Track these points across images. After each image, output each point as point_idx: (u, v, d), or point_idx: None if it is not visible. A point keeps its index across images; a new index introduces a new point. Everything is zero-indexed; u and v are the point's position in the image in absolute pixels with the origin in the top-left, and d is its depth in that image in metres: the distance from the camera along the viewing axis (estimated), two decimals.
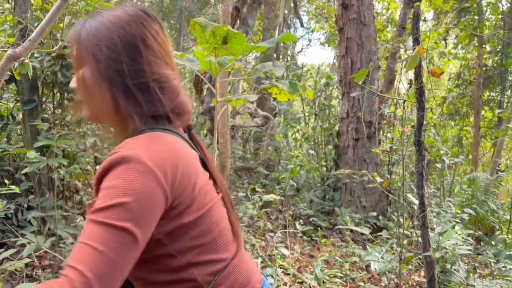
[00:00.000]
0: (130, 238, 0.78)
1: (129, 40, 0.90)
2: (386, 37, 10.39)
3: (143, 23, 0.93)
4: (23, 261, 2.43)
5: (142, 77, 0.90)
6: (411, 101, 2.59)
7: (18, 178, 3.61)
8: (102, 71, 0.89)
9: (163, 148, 0.87)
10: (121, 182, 0.79)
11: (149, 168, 0.81)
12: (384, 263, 3.13)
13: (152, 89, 0.91)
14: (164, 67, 0.94)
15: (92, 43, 0.90)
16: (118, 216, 0.77)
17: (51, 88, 3.78)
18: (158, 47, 0.94)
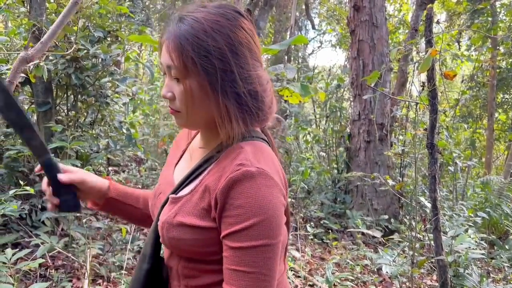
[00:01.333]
0: (272, 250, 0.83)
1: (236, 48, 0.86)
2: (398, 39, 10.32)
3: (243, 27, 0.89)
4: (37, 261, 2.46)
5: (251, 83, 0.88)
6: (424, 103, 2.58)
7: (32, 179, 3.66)
8: (215, 83, 0.85)
9: (273, 160, 0.90)
10: (252, 201, 0.81)
11: (275, 182, 0.84)
12: (396, 266, 3.11)
13: (260, 94, 0.90)
14: (262, 69, 0.92)
15: (200, 54, 0.84)
16: (257, 235, 0.81)
17: (65, 90, 3.84)
18: (257, 48, 0.91)
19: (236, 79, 0.86)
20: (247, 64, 0.87)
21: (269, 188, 0.82)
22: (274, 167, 0.87)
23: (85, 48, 3.51)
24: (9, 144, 3.84)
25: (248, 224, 0.81)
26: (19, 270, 2.76)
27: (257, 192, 0.81)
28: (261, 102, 0.90)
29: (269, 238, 0.82)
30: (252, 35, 0.91)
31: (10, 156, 3.54)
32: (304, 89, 2.52)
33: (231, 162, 0.85)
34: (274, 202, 0.82)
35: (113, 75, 3.88)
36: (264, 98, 0.91)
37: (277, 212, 0.83)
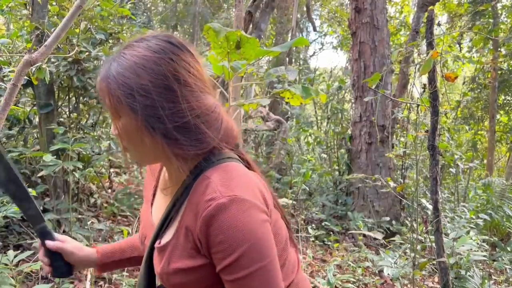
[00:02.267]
0: (268, 269, 0.83)
1: (162, 83, 0.84)
2: (399, 40, 10.32)
3: (172, 59, 0.86)
4: (39, 263, 2.46)
5: (182, 117, 0.85)
6: (425, 105, 2.58)
7: (34, 180, 3.66)
8: (141, 120, 0.84)
9: (245, 178, 0.88)
10: (232, 232, 0.80)
11: (250, 203, 0.83)
12: (397, 268, 3.11)
13: (195, 126, 0.86)
14: (202, 97, 0.89)
15: (124, 93, 0.84)
16: (248, 263, 0.81)
17: (67, 92, 3.85)
18: (193, 78, 0.88)
19: (162, 115, 0.84)
20: (176, 98, 0.84)
21: (245, 213, 0.81)
22: (247, 186, 0.85)
23: (87, 50, 3.52)
24: (11, 146, 3.85)
25: (236, 256, 0.80)
26: (21, 272, 2.76)
27: (235, 222, 0.80)
28: (199, 135, 0.87)
29: (261, 261, 0.81)
30: (186, 67, 0.88)
31: (12, 158, 3.55)
32: (305, 91, 2.52)
33: (201, 198, 0.84)
34: (254, 225, 0.81)
35: None
36: (205, 130, 0.87)
37: (260, 233, 0.82)
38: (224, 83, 5.07)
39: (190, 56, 0.90)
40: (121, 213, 4.43)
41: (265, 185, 0.95)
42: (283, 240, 0.98)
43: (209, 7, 14.13)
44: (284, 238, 0.99)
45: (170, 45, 0.88)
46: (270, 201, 0.92)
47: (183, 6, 14.73)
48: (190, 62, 0.89)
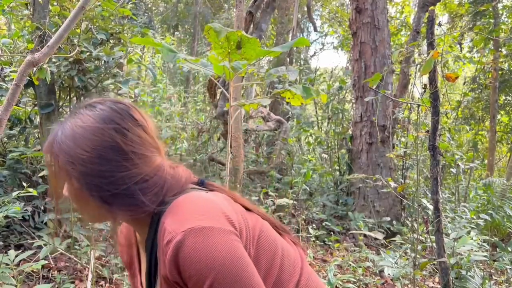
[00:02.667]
0: (247, 285, 0.82)
1: (99, 153, 0.86)
2: (400, 41, 10.32)
3: (112, 128, 0.88)
4: (40, 262, 2.47)
5: (120, 185, 0.87)
6: (426, 105, 2.58)
7: (35, 180, 3.67)
8: (81, 186, 0.88)
9: (195, 205, 0.88)
10: (197, 265, 0.80)
11: (208, 229, 0.82)
12: (398, 268, 3.11)
13: (132, 193, 0.88)
14: (142, 164, 0.89)
15: (66, 160, 0.87)
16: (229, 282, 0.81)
17: (68, 92, 3.85)
18: (133, 145, 0.89)
19: (99, 183, 0.86)
20: (115, 166, 0.86)
21: (203, 242, 0.80)
22: (199, 213, 0.85)
23: (88, 50, 3.52)
24: (12, 146, 3.86)
25: (208, 285, 0.80)
26: (22, 272, 2.77)
27: (195, 254, 0.80)
28: (136, 200, 0.88)
29: (235, 282, 0.81)
30: (126, 133, 0.89)
31: (13, 157, 3.56)
32: (306, 91, 2.52)
33: (162, 244, 0.85)
34: (215, 251, 0.81)
35: (115, 77, 3.89)
36: (141, 198, 0.88)
37: (224, 256, 0.81)
38: (224, 83, 5.08)
39: (133, 122, 0.91)
40: None
41: (234, 201, 0.96)
42: (272, 246, 0.97)
43: (210, 7, 14.14)
44: (274, 243, 0.98)
45: (113, 113, 0.90)
46: (239, 216, 0.91)
47: (184, 6, 14.74)
48: (130, 129, 0.90)
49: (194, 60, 2.76)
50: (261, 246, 0.94)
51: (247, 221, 0.94)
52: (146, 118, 0.95)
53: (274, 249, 0.97)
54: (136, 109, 0.95)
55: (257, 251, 0.93)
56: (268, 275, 0.94)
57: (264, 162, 6.95)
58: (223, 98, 5.78)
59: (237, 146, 4.84)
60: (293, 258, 1.02)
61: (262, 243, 0.95)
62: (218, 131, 7.07)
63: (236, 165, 4.81)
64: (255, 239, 0.93)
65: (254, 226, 0.95)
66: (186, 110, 8.24)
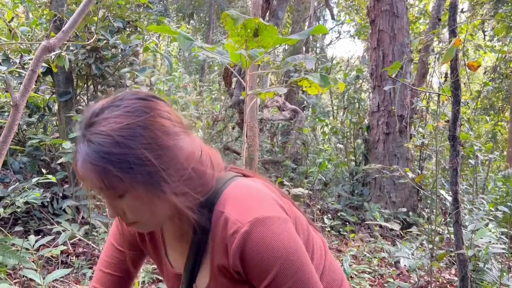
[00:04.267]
0: (306, 274, 0.84)
1: (155, 144, 0.80)
2: (418, 29, 10.12)
3: (153, 115, 0.83)
4: (59, 248, 2.51)
5: (184, 169, 0.84)
6: (446, 95, 2.53)
7: (53, 167, 3.72)
8: (150, 189, 0.81)
9: (253, 194, 0.89)
10: (263, 255, 0.81)
11: (270, 218, 0.83)
12: (414, 259, 3.08)
13: (197, 172, 0.86)
14: (189, 140, 0.87)
15: (122, 170, 0.79)
16: (284, 279, 0.82)
17: (85, 80, 3.88)
18: (177, 126, 0.86)
19: (166, 176, 0.81)
20: (172, 152, 0.82)
21: (269, 231, 0.82)
22: (260, 202, 0.86)
23: (105, 38, 3.54)
24: (31, 133, 3.91)
25: (272, 276, 0.82)
26: (41, 257, 2.82)
27: (262, 244, 0.81)
28: (201, 177, 0.87)
29: (297, 270, 0.83)
30: (166, 115, 0.85)
31: (33, 145, 3.61)
32: (324, 80, 2.49)
33: (225, 234, 0.84)
34: (280, 240, 0.82)
35: (132, 65, 3.91)
36: (204, 168, 0.88)
37: (288, 244, 0.83)
38: (240, 72, 5.05)
39: (164, 104, 0.87)
40: None
41: (272, 187, 0.97)
42: (306, 232, 0.99)
43: None
44: (306, 229, 1.00)
45: (144, 102, 0.84)
46: (284, 201, 0.93)
47: None
48: (168, 110, 0.86)
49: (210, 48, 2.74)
50: (298, 231, 0.94)
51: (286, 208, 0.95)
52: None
53: (307, 235, 0.99)
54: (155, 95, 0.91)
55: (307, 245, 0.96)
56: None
57: (279, 152, 6.93)
58: (239, 87, 5.77)
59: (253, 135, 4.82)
60: (319, 244, 1.04)
61: (298, 229, 0.95)
62: (233, 120, 7.06)
63: (251, 154, 4.81)
64: (294, 224, 0.94)
65: (290, 213, 0.95)
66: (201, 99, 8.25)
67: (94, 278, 1.13)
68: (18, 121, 1.55)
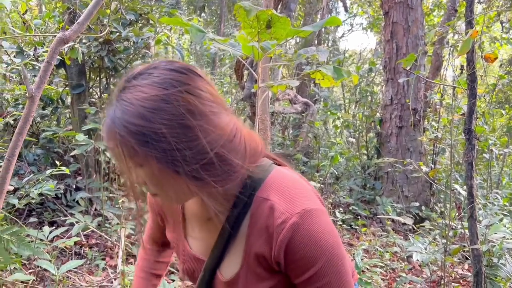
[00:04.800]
0: (342, 268, 0.84)
1: (176, 122, 0.75)
2: (432, 21, 9.97)
3: (181, 91, 0.77)
4: (73, 239, 2.54)
5: (205, 153, 0.77)
6: (462, 87, 2.48)
7: (66, 159, 3.76)
8: (163, 166, 0.76)
9: (296, 184, 0.87)
10: (310, 248, 0.80)
11: (315, 211, 0.82)
12: (427, 254, 3.05)
13: (221, 158, 0.79)
14: (221, 123, 0.80)
15: (138, 142, 0.75)
16: (325, 273, 0.81)
17: (98, 73, 3.90)
18: (208, 105, 0.79)
19: (184, 158, 0.75)
20: (195, 134, 0.76)
21: (316, 223, 0.80)
22: (305, 193, 0.84)
23: (117, 31, 3.54)
24: (45, 125, 3.95)
25: (316, 268, 0.81)
26: (55, 247, 2.85)
27: (310, 237, 0.80)
28: (227, 164, 0.80)
29: (337, 266, 0.82)
30: (198, 93, 0.78)
31: (46, 137, 3.65)
32: (337, 72, 2.46)
33: (270, 222, 0.81)
34: (326, 233, 0.81)
35: (144, 58, 3.91)
36: (233, 156, 0.80)
37: (332, 238, 0.82)
38: (252, 64, 5.03)
39: (199, 79, 0.81)
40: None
41: (303, 178, 0.94)
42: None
43: None
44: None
45: (176, 74, 0.78)
46: (316, 193, 0.91)
47: None
48: (201, 86, 0.80)
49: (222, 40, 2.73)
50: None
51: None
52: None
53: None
54: (196, 67, 0.85)
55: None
56: None
57: (291, 145, 6.92)
58: (250, 80, 5.75)
59: (264, 129, 4.81)
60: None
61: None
62: (244, 113, 7.05)
63: None
64: None
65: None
66: None
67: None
68: (33, 113, 1.55)
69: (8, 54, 3.56)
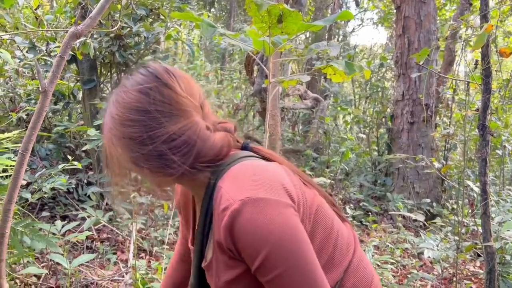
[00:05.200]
0: (299, 267, 0.80)
1: (127, 115, 0.87)
2: (444, 16, 9.84)
3: (136, 90, 0.88)
4: (85, 233, 2.55)
5: (148, 144, 0.86)
6: (476, 82, 2.44)
7: (78, 154, 3.78)
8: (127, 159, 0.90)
9: (256, 174, 0.85)
10: (252, 237, 0.79)
11: (265, 200, 0.80)
12: (439, 251, 3.03)
13: (163, 151, 0.86)
14: (170, 119, 0.86)
15: (111, 136, 0.91)
16: (274, 265, 0.79)
17: (109, 68, 3.91)
18: (157, 104, 0.86)
19: (132, 147, 0.87)
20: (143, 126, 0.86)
21: (261, 213, 0.78)
22: (260, 183, 0.82)
23: (128, 26, 3.54)
24: (57, 120, 3.98)
25: (260, 259, 0.79)
26: (68, 242, 2.88)
27: (252, 225, 0.78)
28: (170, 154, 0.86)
29: (288, 260, 0.79)
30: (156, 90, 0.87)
31: (58, 132, 3.67)
32: (349, 67, 2.44)
33: (218, 209, 0.83)
34: (272, 224, 0.79)
35: (155, 53, 3.91)
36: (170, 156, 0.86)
37: (281, 230, 0.79)
38: (262, 59, 5.01)
39: (157, 82, 0.88)
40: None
41: (292, 173, 0.94)
42: (329, 224, 0.95)
43: None
44: (330, 221, 0.96)
45: (141, 77, 0.90)
46: (297, 189, 0.89)
47: None
48: (154, 88, 0.88)
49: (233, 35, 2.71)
50: (317, 222, 0.92)
51: (305, 195, 0.91)
52: (180, 78, 0.91)
53: (331, 226, 0.95)
54: (168, 71, 0.91)
55: (313, 227, 0.90)
56: (321, 252, 0.91)
57: (301, 141, 6.89)
58: (261, 75, 5.73)
59: (274, 124, 4.80)
60: (347, 239, 0.99)
61: (319, 219, 0.92)
62: (254, 109, 7.04)
63: (273, 144, 4.79)
64: (312, 214, 0.91)
65: (312, 202, 0.92)
66: (222, 88, 8.24)
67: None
68: (47, 108, 1.56)
69: (20, 49, 3.59)
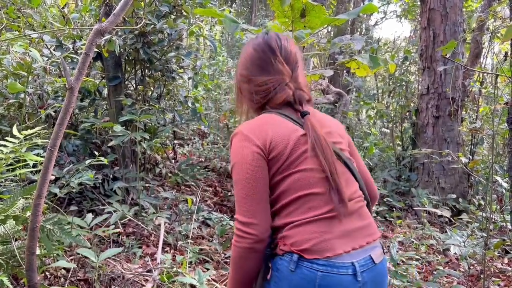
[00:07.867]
0: (241, 183, 1.20)
1: (241, 61, 1.37)
2: (471, 7, 9.59)
3: (251, 49, 1.35)
4: (112, 228, 2.60)
5: (245, 82, 1.36)
6: (506, 75, 2.38)
7: (104, 150, 3.85)
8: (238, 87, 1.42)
9: (257, 122, 1.28)
10: (231, 151, 1.26)
11: (246, 137, 1.23)
12: (466, 247, 2.97)
13: (251, 90, 1.34)
14: (261, 73, 1.32)
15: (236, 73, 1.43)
16: (234, 173, 1.22)
17: (133, 65, 3.96)
18: (256, 61, 1.33)
19: (239, 81, 1.40)
20: (245, 70, 1.36)
21: (240, 142, 1.23)
22: (252, 127, 1.24)
23: (152, 23, 3.58)
24: (83, 117, 4.06)
25: (231, 166, 1.25)
26: (95, 235, 2.95)
27: (234, 145, 1.25)
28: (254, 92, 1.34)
29: (239, 175, 1.20)
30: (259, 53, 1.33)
31: (85, 128, 3.75)
32: (373, 61, 2.41)
33: None
34: (241, 150, 1.21)
35: (178, 50, 3.94)
36: (254, 96, 1.34)
37: (241, 157, 1.21)
38: None
39: (265, 46, 1.33)
40: (184, 183, 4.58)
41: (288, 137, 1.21)
42: (297, 184, 1.19)
43: None
44: (299, 184, 1.19)
45: (256, 40, 1.36)
46: (284, 141, 1.20)
47: None
48: (261, 51, 1.33)
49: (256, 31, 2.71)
50: (290, 175, 1.20)
51: (293, 152, 1.20)
52: (282, 47, 1.32)
53: (299, 186, 1.19)
54: (277, 40, 1.33)
55: (283, 175, 1.20)
56: (280, 196, 1.20)
57: None
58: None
59: None
60: (317, 203, 1.18)
61: (293, 177, 1.19)
62: None
63: None
64: (289, 169, 1.20)
65: (298, 162, 1.20)
66: None
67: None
68: (73, 104, 1.59)
69: (48, 47, 3.67)
